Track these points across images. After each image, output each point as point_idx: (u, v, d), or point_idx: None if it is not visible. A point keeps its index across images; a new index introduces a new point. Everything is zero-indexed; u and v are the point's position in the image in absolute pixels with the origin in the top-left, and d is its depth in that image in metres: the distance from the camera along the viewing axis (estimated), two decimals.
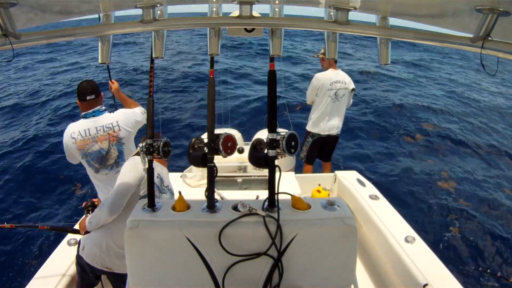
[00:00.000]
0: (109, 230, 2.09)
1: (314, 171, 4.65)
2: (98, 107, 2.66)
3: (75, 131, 2.58)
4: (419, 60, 18.14)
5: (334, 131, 4.33)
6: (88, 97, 2.61)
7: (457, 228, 4.68)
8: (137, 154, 2.24)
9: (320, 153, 4.59)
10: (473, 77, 15.24)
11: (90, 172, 2.64)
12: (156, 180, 2.14)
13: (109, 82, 3.01)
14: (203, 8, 1.26)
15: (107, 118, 2.63)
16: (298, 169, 4.25)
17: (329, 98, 4.18)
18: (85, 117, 2.63)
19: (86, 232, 2.14)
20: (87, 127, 2.58)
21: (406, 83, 12.96)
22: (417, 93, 11.60)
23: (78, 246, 2.23)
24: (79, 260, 2.17)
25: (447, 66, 17.62)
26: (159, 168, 2.24)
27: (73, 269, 2.22)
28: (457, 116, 9.61)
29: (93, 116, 2.62)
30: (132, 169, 2.08)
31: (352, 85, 4.27)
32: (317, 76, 4.23)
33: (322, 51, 4.30)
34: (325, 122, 4.27)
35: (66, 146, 2.59)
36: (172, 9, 1.30)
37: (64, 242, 2.44)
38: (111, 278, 2.27)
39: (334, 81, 4.15)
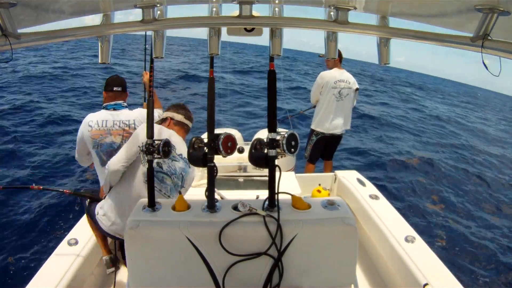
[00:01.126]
0: (120, 195, 2.17)
1: (315, 171, 4.65)
2: (120, 101, 2.69)
3: (93, 120, 2.60)
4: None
5: (338, 130, 4.33)
6: (115, 88, 2.67)
7: (458, 228, 4.68)
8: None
9: (323, 152, 4.59)
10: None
11: (96, 163, 2.64)
12: None
13: (144, 71, 3.05)
14: (203, 8, 1.26)
15: (126, 115, 2.64)
16: (298, 168, 4.25)
17: (333, 96, 4.18)
18: (106, 108, 2.66)
19: (104, 196, 2.27)
20: (105, 118, 2.60)
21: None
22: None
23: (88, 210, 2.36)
24: (96, 225, 2.26)
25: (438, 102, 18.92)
26: (173, 137, 2.27)
27: (73, 269, 2.22)
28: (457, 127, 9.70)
29: (114, 109, 2.64)
30: (135, 136, 2.17)
31: (356, 85, 4.27)
32: (321, 74, 4.24)
33: None
34: (329, 121, 4.27)
35: (80, 135, 2.60)
36: (172, 9, 1.30)
37: (64, 242, 2.44)
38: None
39: (338, 79, 4.16)
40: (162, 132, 2.21)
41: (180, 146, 2.29)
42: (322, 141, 4.42)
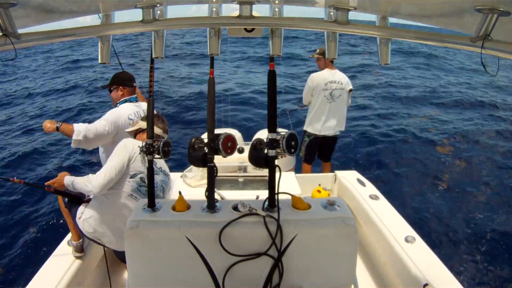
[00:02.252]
0: (102, 206, 2.15)
1: (314, 171, 4.64)
2: (135, 95, 2.76)
3: (131, 113, 2.55)
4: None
5: (331, 132, 4.27)
6: (134, 84, 2.72)
7: (458, 227, 4.68)
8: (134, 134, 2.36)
9: (320, 153, 4.58)
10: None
11: None
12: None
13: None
14: (203, 8, 1.26)
15: (145, 105, 2.66)
16: (298, 169, 4.25)
17: (324, 98, 4.12)
18: (130, 101, 2.67)
19: (60, 187, 2.16)
20: (136, 110, 2.62)
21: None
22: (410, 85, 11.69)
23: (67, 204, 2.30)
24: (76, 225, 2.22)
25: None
26: None
27: (73, 269, 2.22)
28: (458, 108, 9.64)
29: (136, 101, 2.69)
30: (121, 151, 2.12)
31: (349, 86, 4.19)
32: (312, 76, 4.19)
33: (318, 51, 4.26)
34: (321, 123, 4.21)
35: (114, 128, 2.49)
36: (172, 9, 1.30)
37: (64, 242, 2.44)
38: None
39: (329, 81, 4.09)
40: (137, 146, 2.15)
41: (160, 160, 2.30)
42: (315, 142, 4.39)
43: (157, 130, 2.31)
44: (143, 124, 2.34)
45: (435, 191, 5.64)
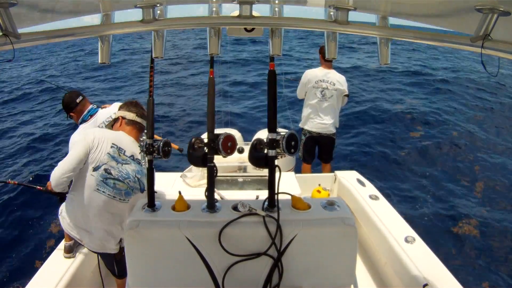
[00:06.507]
0: (73, 202, 2.10)
1: (314, 171, 4.64)
2: (90, 106, 2.68)
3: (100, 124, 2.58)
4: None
5: (324, 131, 4.28)
6: (77, 100, 2.64)
7: (458, 227, 4.68)
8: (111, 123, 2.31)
9: (318, 153, 4.59)
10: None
11: None
12: (110, 150, 2.08)
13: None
14: (203, 8, 1.26)
15: (103, 114, 2.64)
16: (298, 169, 4.24)
17: (315, 96, 4.15)
18: (83, 120, 2.62)
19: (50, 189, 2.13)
20: (106, 118, 2.61)
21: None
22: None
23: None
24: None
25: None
26: (121, 138, 2.16)
27: (73, 269, 2.22)
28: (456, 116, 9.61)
29: (90, 115, 2.63)
30: (79, 142, 2.05)
31: (344, 89, 4.15)
32: (305, 73, 4.24)
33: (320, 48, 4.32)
34: (313, 120, 4.26)
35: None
36: (172, 9, 1.30)
37: (62, 244, 2.43)
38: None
39: (320, 79, 4.11)
40: (105, 135, 2.09)
41: (131, 147, 2.16)
42: (311, 141, 4.40)
43: (129, 115, 2.24)
44: (118, 113, 2.28)
45: (435, 191, 5.64)
